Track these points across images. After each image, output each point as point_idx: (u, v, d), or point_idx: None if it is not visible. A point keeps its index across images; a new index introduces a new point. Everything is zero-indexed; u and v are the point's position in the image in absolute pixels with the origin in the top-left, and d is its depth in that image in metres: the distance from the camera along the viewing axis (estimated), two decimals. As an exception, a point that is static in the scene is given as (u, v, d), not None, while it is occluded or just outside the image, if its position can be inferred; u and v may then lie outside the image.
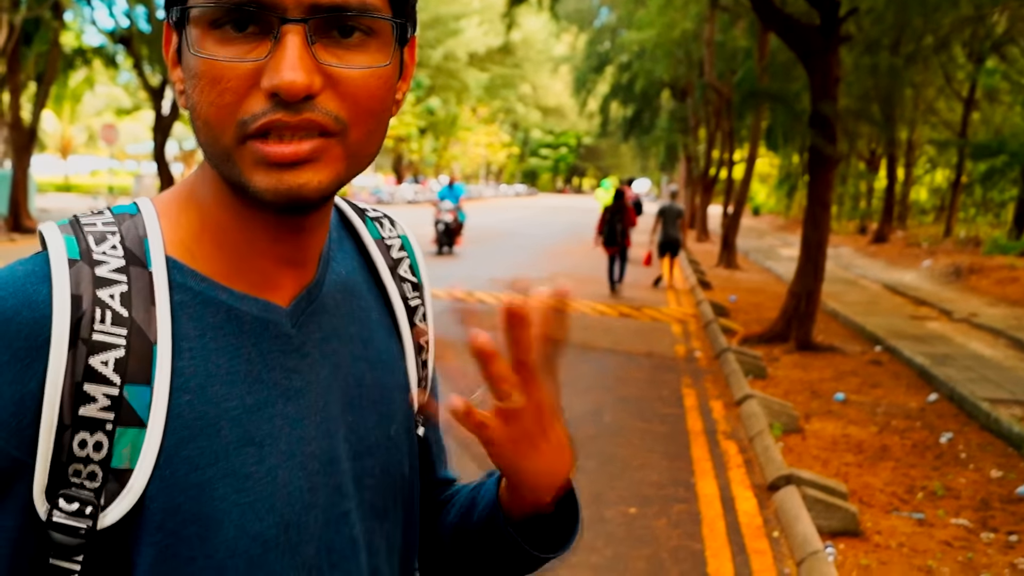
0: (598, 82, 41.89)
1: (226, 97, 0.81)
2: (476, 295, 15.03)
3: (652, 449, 7.04)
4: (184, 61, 0.86)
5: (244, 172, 0.83)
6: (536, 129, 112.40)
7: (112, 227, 0.89)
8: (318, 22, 0.81)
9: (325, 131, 0.83)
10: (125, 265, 0.86)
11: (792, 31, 11.63)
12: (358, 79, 0.84)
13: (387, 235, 1.15)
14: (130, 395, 0.83)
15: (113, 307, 0.84)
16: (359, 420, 1.01)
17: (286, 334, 0.95)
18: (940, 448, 7.46)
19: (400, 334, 1.11)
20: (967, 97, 27.92)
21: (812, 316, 11.58)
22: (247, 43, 0.81)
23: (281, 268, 0.95)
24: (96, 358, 0.82)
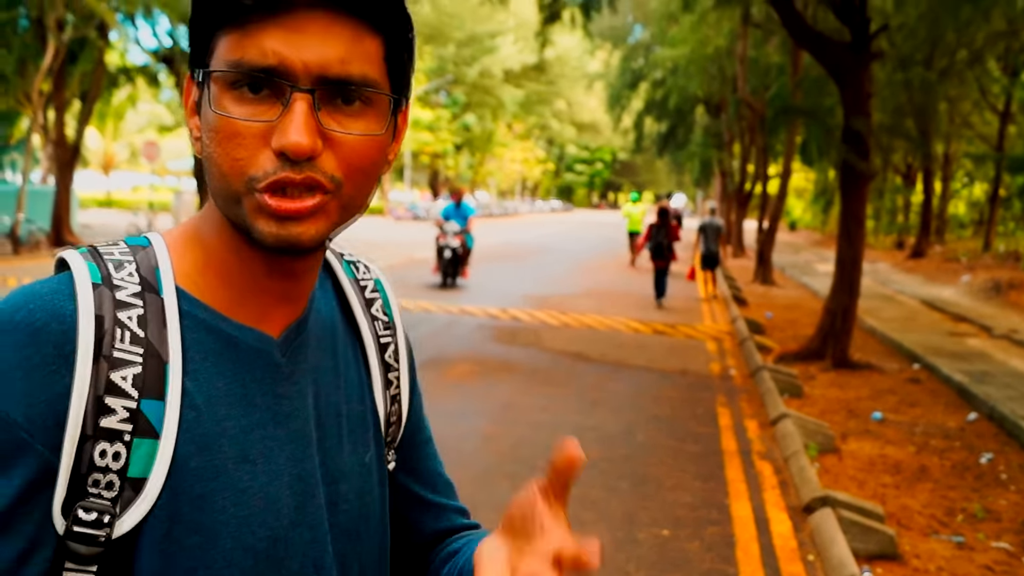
0: (632, 98, 41.90)
1: (240, 152, 0.91)
2: (510, 312, 15.03)
3: (685, 469, 6.99)
4: (203, 114, 0.95)
5: (250, 218, 0.92)
6: (571, 145, 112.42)
7: (128, 256, 0.98)
8: (324, 91, 0.91)
9: (323, 189, 0.92)
10: (141, 291, 0.95)
11: (823, 48, 11.58)
12: (355, 144, 0.94)
13: (361, 276, 1.26)
14: (146, 408, 0.91)
15: (131, 328, 0.92)
16: (336, 447, 1.10)
17: (276, 363, 1.04)
18: (980, 469, 7.36)
19: (370, 368, 1.20)
20: (1003, 110, 27.69)
21: (848, 333, 11.49)
22: (261, 105, 0.91)
23: (276, 303, 1.05)
24: (117, 373, 0.90)
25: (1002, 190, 29.11)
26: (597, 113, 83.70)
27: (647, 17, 37.36)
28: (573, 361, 11.24)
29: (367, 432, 1.17)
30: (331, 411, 1.11)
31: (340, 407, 1.12)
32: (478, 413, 8.41)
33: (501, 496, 6.12)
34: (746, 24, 22.45)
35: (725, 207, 37.48)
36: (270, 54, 0.89)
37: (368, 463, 1.15)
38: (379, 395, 1.20)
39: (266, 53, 0.89)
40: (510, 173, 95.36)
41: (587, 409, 8.76)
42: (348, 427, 1.13)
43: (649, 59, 37.08)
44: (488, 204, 76.56)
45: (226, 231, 1.00)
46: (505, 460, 6.98)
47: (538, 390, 9.47)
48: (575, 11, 15.83)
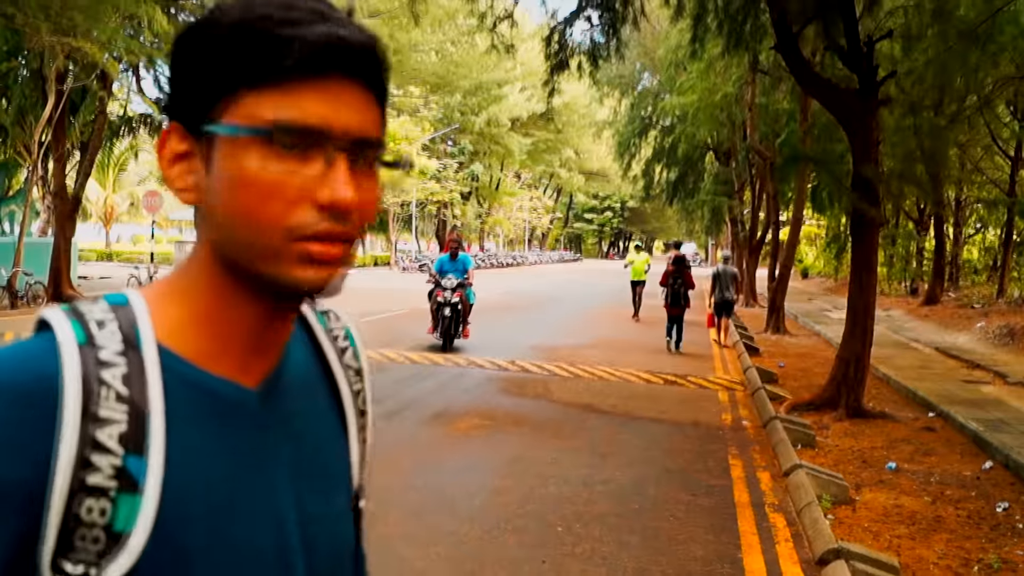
0: (641, 146, 41.98)
1: (276, 206, 0.96)
2: (519, 363, 14.98)
3: (697, 523, 6.91)
4: (219, 168, 0.98)
5: (288, 267, 0.98)
6: (580, 193, 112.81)
7: (110, 315, 0.99)
8: (354, 151, 0.99)
9: (351, 240, 1.01)
10: (124, 349, 0.97)
11: (831, 95, 11.63)
12: (369, 201, 1.02)
13: (333, 326, 1.30)
14: (130, 465, 0.93)
15: (115, 387, 0.94)
16: (312, 492, 1.13)
17: (253, 413, 1.06)
18: (996, 518, 7.28)
19: (345, 415, 1.25)
20: (1014, 155, 27.70)
21: (862, 382, 11.42)
22: (295, 161, 0.96)
23: (256, 354, 1.08)
24: (102, 432, 0.92)
25: (1015, 235, 29.06)
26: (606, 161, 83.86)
27: (655, 65, 37.51)
28: (583, 413, 11.18)
29: (342, 477, 1.22)
30: (307, 457, 1.14)
31: (316, 453, 1.16)
32: (486, 467, 8.35)
33: (510, 552, 6.06)
34: (754, 71, 22.55)
35: (736, 255, 37.50)
36: (312, 115, 0.95)
37: (342, 507, 1.20)
38: (353, 441, 1.25)
39: (308, 114, 0.95)
40: (518, 222, 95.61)
41: (597, 462, 8.69)
42: (324, 472, 1.17)
43: (657, 107, 37.20)
44: (496, 253, 76.72)
45: (226, 284, 1.04)
46: (514, 515, 6.90)
47: (548, 443, 9.40)
48: (582, 59, 15.91)
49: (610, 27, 14.53)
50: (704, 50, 16.30)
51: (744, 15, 13.28)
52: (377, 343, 16.60)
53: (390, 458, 8.47)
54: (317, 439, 1.18)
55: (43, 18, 15.50)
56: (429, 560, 5.85)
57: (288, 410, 1.12)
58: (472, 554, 6.01)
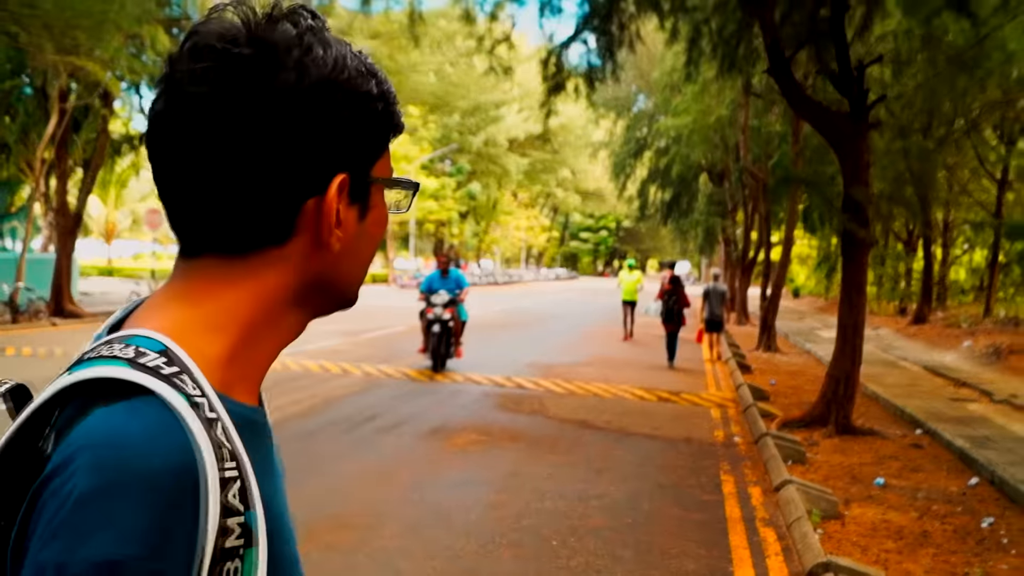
0: (636, 166, 42.18)
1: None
2: (515, 380, 15.11)
3: (690, 537, 7.05)
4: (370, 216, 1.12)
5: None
6: (576, 213, 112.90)
7: (173, 366, 0.93)
8: None
9: None
10: (209, 402, 0.93)
11: (823, 118, 11.78)
12: None
13: None
14: (249, 520, 0.91)
15: (225, 444, 0.91)
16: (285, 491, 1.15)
17: (265, 428, 1.10)
18: (982, 533, 7.42)
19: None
20: (1000, 178, 27.91)
21: (851, 399, 11.56)
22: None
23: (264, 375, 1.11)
24: (228, 493, 0.89)
25: (1001, 256, 29.24)
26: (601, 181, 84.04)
27: (650, 87, 37.74)
28: (578, 429, 11.30)
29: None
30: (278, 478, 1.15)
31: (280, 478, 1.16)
32: (483, 482, 8.46)
33: (505, 566, 6.18)
34: (748, 94, 22.75)
35: (729, 274, 37.61)
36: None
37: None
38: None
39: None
40: (515, 241, 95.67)
41: (592, 477, 8.82)
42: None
43: (653, 128, 37.42)
44: (493, 271, 76.70)
45: (294, 317, 1.10)
46: (510, 529, 7.02)
47: (543, 458, 9.53)
48: (579, 82, 16.06)
49: (606, 50, 14.71)
50: (698, 73, 16.51)
51: (738, 39, 13.47)
52: (375, 359, 16.73)
53: (387, 472, 8.60)
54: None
55: (47, 37, 15.57)
56: (425, 574, 5.94)
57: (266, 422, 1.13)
58: (468, 568, 6.10)
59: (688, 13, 13.95)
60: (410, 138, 57.44)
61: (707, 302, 19.70)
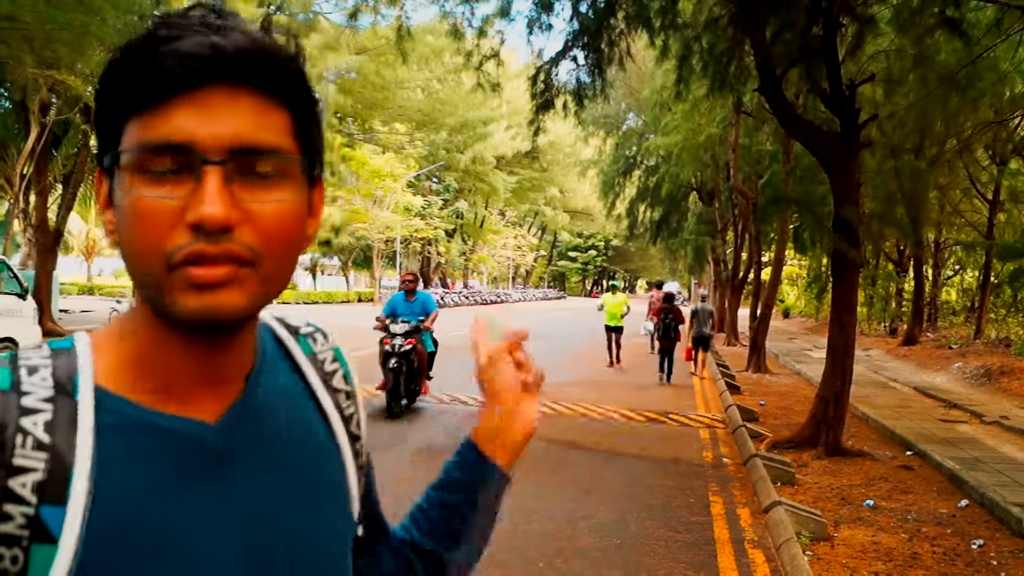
0: (625, 185, 42.11)
1: (153, 232, 0.91)
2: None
3: (678, 558, 6.97)
4: (116, 202, 0.95)
5: (171, 296, 0.92)
6: (564, 231, 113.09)
7: (46, 361, 0.97)
8: (236, 164, 0.92)
9: (241, 260, 0.92)
10: (53, 395, 0.94)
11: (813, 137, 11.76)
12: (270, 214, 0.94)
13: (319, 349, 1.26)
14: (45, 515, 0.89)
15: (35, 434, 0.91)
16: (295, 511, 1.08)
17: (212, 448, 1.01)
18: (971, 555, 7.36)
19: (337, 441, 1.20)
20: (992, 198, 27.99)
21: (841, 420, 11.50)
22: (173, 183, 0.91)
23: (205, 387, 1.03)
24: (15, 480, 0.89)
25: (993, 277, 29.31)
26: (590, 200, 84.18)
27: (640, 105, 37.69)
28: (566, 450, 11.23)
29: (335, 499, 1.16)
30: (291, 479, 1.09)
31: (298, 475, 1.10)
32: (470, 501, 8.36)
33: None
34: (738, 113, 22.74)
35: (719, 294, 37.61)
36: (177, 130, 0.90)
37: (335, 527, 1.15)
38: (350, 466, 1.20)
39: (174, 130, 0.90)
40: (502, 259, 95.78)
41: (580, 497, 8.74)
42: (308, 494, 1.11)
43: (642, 147, 37.36)
44: (480, 290, 76.73)
45: (150, 321, 1.00)
46: (497, 549, 6.93)
47: (531, 478, 9.44)
48: (568, 99, 16.01)
49: (596, 67, 14.67)
50: (689, 91, 16.48)
51: (728, 57, 13.44)
52: (361, 379, 16.54)
53: (374, 492, 8.51)
54: (308, 458, 1.13)
55: (27, 50, 15.48)
56: (412, 593, 5.86)
57: (262, 435, 1.07)
58: (455, 587, 6.02)
59: (679, 30, 13.92)
60: (396, 155, 57.49)
61: (695, 320, 20.27)
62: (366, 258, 68.69)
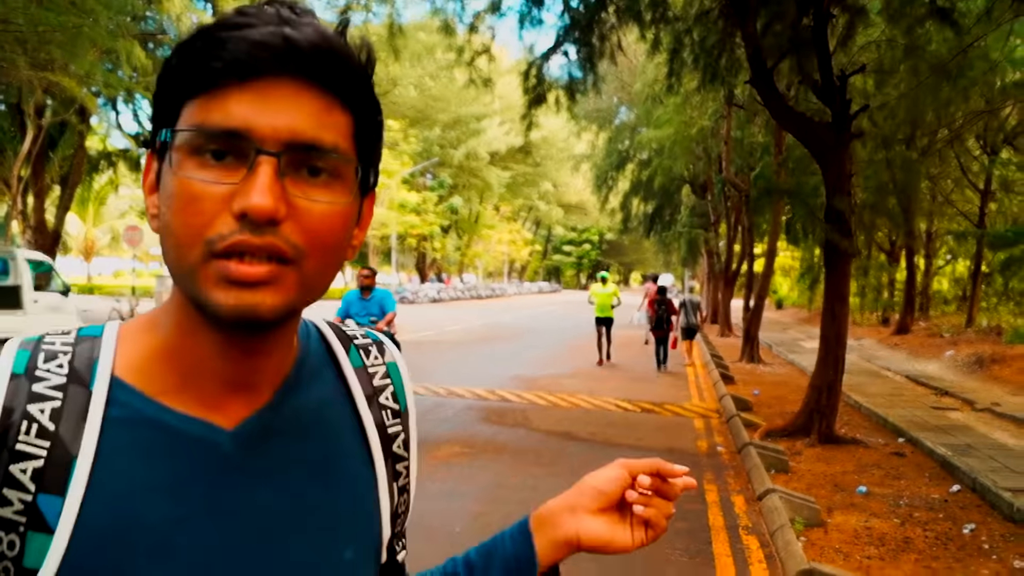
0: (619, 179, 42.09)
1: (198, 217, 0.88)
2: (499, 392, 15.08)
3: (673, 546, 7.03)
4: (163, 184, 0.93)
5: (206, 288, 0.89)
6: (559, 226, 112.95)
7: (68, 347, 0.97)
8: (290, 157, 0.89)
9: (283, 257, 0.89)
10: (65, 383, 0.93)
11: (805, 128, 11.78)
12: (319, 214, 0.92)
13: (371, 363, 1.19)
14: (42, 503, 0.89)
15: (40, 421, 0.90)
16: (306, 541, 1.03)
17: (225, 454, 0.98)
18: (963, 539, 7.42)
19: (373, 461, 1.14)
20: (983, 188, 28.02)
21: (834, 409, 11.57)
22: (224, 170, 0.88)
23: (229, 391, 1.00)
24: (16, 466, 0.89)
25: (984, 266, 29.36)
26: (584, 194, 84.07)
27: (632, 99, 37.65)
28: (562, 441, 11.29)
29: (356, 527, 1.10)
30: (302, 504, 1.04)
31: (318, 501, 1.05)
32: (467, 493, 8.44)
33: None
34: (730, 105, 22.76)
35: (712, 286, 37.66)
36: (236, 116, 0.87)
37: (352, 560, 1.08)
38: (383, 488, 1.14)
39: (231, 116, 0.87)
40: (497, 254, 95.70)
41: (576, 487, 8.77)
42: (326, 522, 1.05)
43: (635, 140, 37.31)
44: (476, 285, 76.69)
45: (182, 312, 0.97)
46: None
47: (527, 470, 9.51)
48: (560, 94, 16.02)
49: (587, 62, 14.69)
50: (680, 84, 16.51)
51: (720, 50, 13.48)
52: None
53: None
54: (327, 486, 1.07)
55: (20, 52, 15.39)
56: (412, 581, 5.91)
57: (285, 454, 1.03)
58: None
59: (670, 24, 13.96)
60: (390, 152, 57.40)
61: (683, 311, 21.55)
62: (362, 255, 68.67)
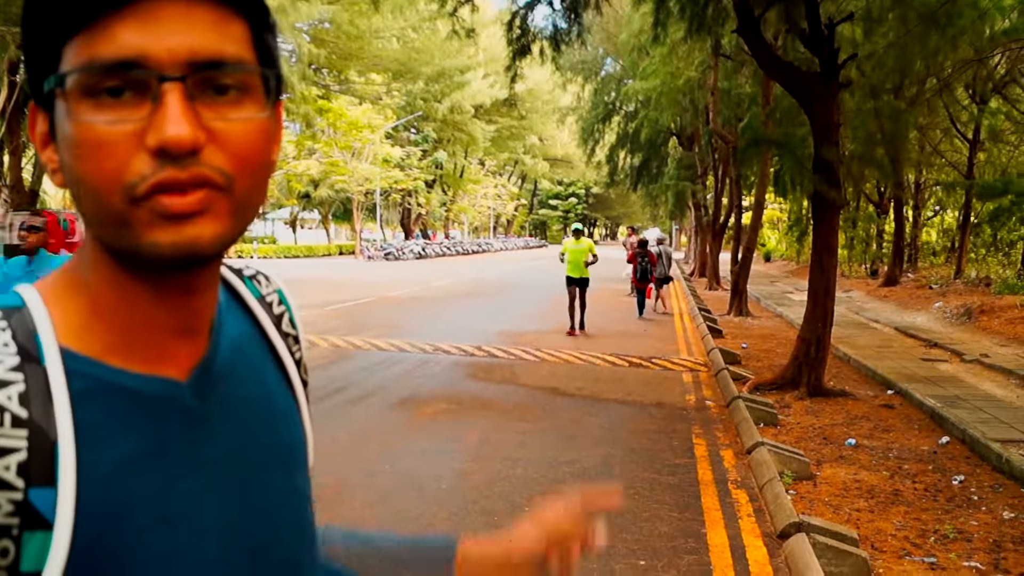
0: (605, 131, 41.91)
1: (110, 161, 0.81)
2: (485, 348, 15.03)
3: (662, 500, 7.00)
4: (60, 135, 0.85)
5: (139, 233, 0.82)
6: (544, 180, 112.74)
7: (2, 323, 0.87)
8: (195, 79, 0.82)
9: (213, 185, 0.83)
10: (20, 363, 0.84)
11: (793, 78, 11.70)
12: (239, 133, 0.85)
13: (265, 292, 1.16)
14: (35, 498, 0.81)
15: (12, 409, 0.81)
16: (267, 479, 1.01)
17: (188, 407, 0.94)
18: (952, 491, 7.41)
19: (294, 388, 1.13)
20: (972, 138, 27.98)
21: (823, 361, 11.55)
22: (125, 107, 0.81)
23: (175, 340, 0.95)
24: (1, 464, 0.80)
25: (973, 217, 29.38)
26: (570, 147, 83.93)
27: (618, 50, 37.37)
28: (549, 396, 11.24)
29: (298, 455, 1.10)
30: (259, 443, 1.02)
31: (268, 436, 1.04)
32: (454, 450, 8.39)
33: (477, 533, 6.09)
34: (717, 55, 22.63)
35: (700, 239, 37.61)
36: (126, 45, 0.79)
37: (302, 488, 1.09)
38: (305, 413, 1.15)
39: (121, 45, 0.79)
40: (483, 209, 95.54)
41: (564, 444, 8.75)
42: (279, 455, 1.05)
43: (621, 92, 37.09)
44: (462, 240, 76.62)
45: (105, 266, 0.90)
46: (481, 496, 6.97)
47: (514, 426, 9.46)
48: (545, 45, 15.87)
49: (572, 12, 14.56)
50: (666, 34, 16.34)
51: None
52: (342, 331, 16.63)
53: (356, 443, 8.51)
54: (269, 420, 1.05)
55: (-10, 7, 15.22)
56: (397, 540, 5.86)
57: (230, 396, 1.00)
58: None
59: (655, -28, 13.81)
60: (373, 106, 57.06)
61: (659, 262, 23.02)
62: (346, 211, 68.55)
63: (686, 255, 64.76)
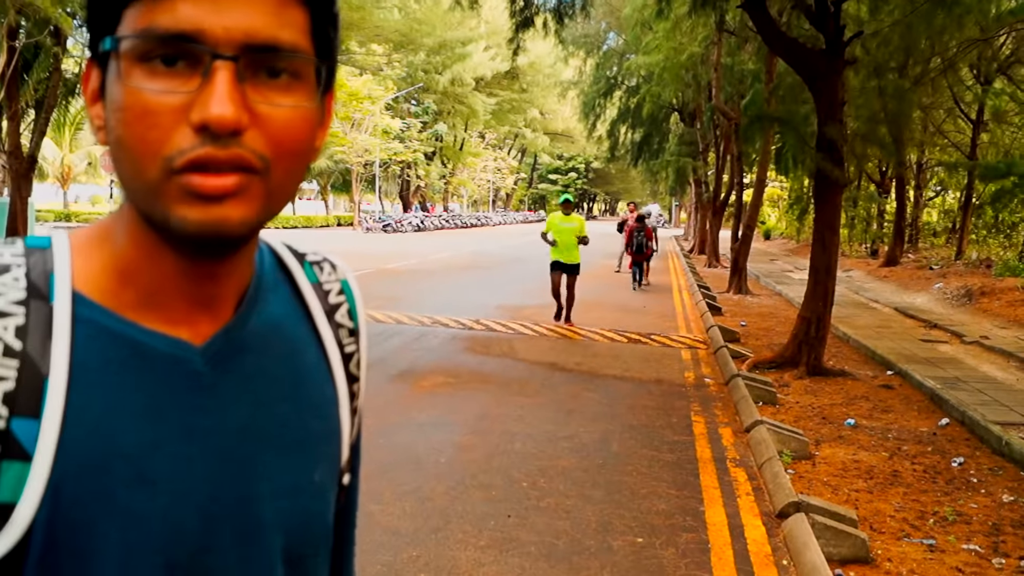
0: (606, 106, 41.76)
1: (153, 131, 0.81)
2: (484, 322, 15.01)
3: (660, 477, 6.99)
4: (108, 95, 0.86)
5: (170, 206, 0.83)
6: (545, 154, 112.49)
7: (20, 259, 0.89)
8: (248, 60, 0.82)
9: (250, 168, 0.83)
10: (26, 298, 0.86)
11: (797, 55, 11.63)
12: (283, 119, 0.85)
13: (325, 279, 1.15)
14: (17, 428, 0.83)
15: (5, 339, 0.84)
16: (281, 462, 1.00)
17: (196, 372, 0.93)
18: (951, 473, 7.40)
19: (335, 380, 1.11)
20: (975, 118, 27.87)
21: (822, 341, 11.53)
22: (176, 77, 0.81)
23: (195, 308, 0.95)
24: None
25: (974, 198, 29.31)
26: (571, 122, 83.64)
27: (621, 24, 37.16)
28: (548, 371, 11.23)
29: (324, 447, 1.07)
30: (274, 423, 1.00)
31: (289, 419, 1.02)
32: (452, 424, 8.37)
33: (475, 507, 6.11)
34: (720, 31, 22.48)
35: (700, 216, 37.54)
36: (185, 19, 0.80)
37: (319, 481, 1.05)
38: (344, 408, 1.11)
39: (180, 18, 0.80)
40: (482, 183, 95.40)
41: (562, 419, 8.74)
42: (297, 441, 1.03)
43: (623, 67, 36.92)
44: (461, 214, 76.60)
45: (137, 229, 0.90)
46: (479, 470, 6.95)
47: (513, 400, 9.45)
48: (548, 17, 15.78)
49: (576, -15, 14.45)
50: (670, 9, 16.25)
51: (711, -27, 13.24)
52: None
53: (356, 414, 8.50)
54: (295, 403, 1.03)
55: (-10, -30, 15.11)
56: (395, 516, 5.87)
57: (250, 370, 0.99)
58: (438, 509, 6.04)
59: (661, -54, 13.69)
60: (374, 77, 56.87)
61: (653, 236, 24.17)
62: (345, 182, 68.41)
63: (686, 232, 64.79)
